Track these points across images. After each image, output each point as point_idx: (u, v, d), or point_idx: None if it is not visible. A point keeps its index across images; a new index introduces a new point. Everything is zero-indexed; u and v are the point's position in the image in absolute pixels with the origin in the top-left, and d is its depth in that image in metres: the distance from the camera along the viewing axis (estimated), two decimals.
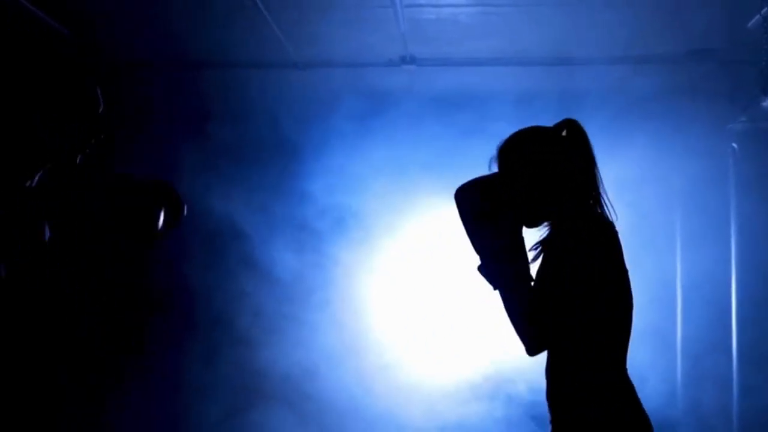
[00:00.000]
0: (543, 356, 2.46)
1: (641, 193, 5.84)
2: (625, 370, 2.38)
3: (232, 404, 5.96)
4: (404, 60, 5.39)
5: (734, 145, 5.20)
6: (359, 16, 4.74)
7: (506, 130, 2.54)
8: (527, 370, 5.32)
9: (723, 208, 5.52)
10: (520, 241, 2.38)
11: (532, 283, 2.34)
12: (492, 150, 2.51)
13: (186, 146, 5.75)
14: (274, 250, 6.02)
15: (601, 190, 2.46)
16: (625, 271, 2.39)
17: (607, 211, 2.47)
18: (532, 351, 2.37)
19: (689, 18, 4.72)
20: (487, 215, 2.36)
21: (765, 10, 4.43)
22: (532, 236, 2.46)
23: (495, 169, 2.45)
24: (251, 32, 4.99)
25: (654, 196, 5.96)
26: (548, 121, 5.50)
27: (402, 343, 6.08)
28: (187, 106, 6.00)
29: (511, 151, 2.44)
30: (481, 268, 2.41)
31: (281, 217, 6.00)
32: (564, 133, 2.46)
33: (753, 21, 4.67)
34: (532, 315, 2.29)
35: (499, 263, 2.36)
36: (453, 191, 2.47)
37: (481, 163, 2.50)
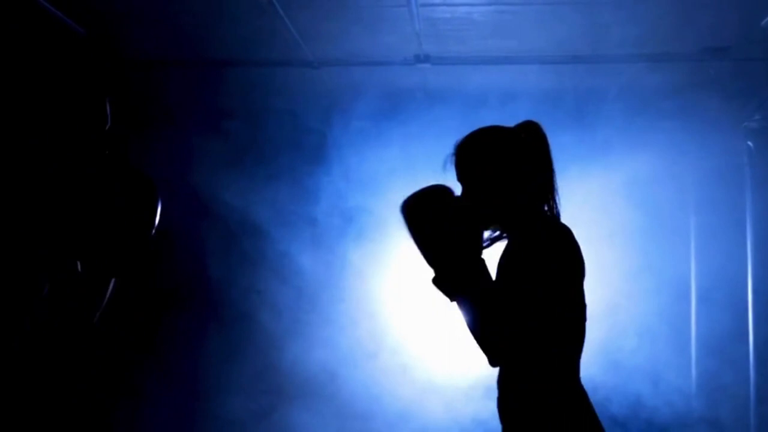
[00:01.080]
0: None
1: (656, 192, 5.85)
2: (578, 378, 2.31)
3: (250, 405, 5.99)
4: (419, 59, 5.40)
5: (749, 143, 5.20)
6: (374, 15, 4.76)
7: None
8: None
9: (738, 206, 5.52)
10: (477, 250, 2.29)
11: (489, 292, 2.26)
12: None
13: (203, 144, 5.78)
14: (291, 248, 6.05)
15: (556, 196, 2.42)
16: (581, 278, 2.31)
17: (558, 216, 2.42)
18: (494, 361, 2.29)
19: (703, 16, 4.72)
20: (443, 228, 2.27)
21: None
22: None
23: (451, 167, 2.44)
24: (267, 31, 5.00)
25: (669, 195, 5.96)
26: (562, 119, 5.54)
27: (418, 340, 6.10)
28: (204, 105, 6.04)
29: (469, 149, 2.42)
30: (436, 281, 2.33)
31: (298, 215, 6.02)
32: (524, 135, 2.42)
33: (767, 19, 4.67)
34: (492, 324, 2.20)
35: (456, 275, 2.27)
36: None
37: None
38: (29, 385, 2.82)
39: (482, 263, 2.27)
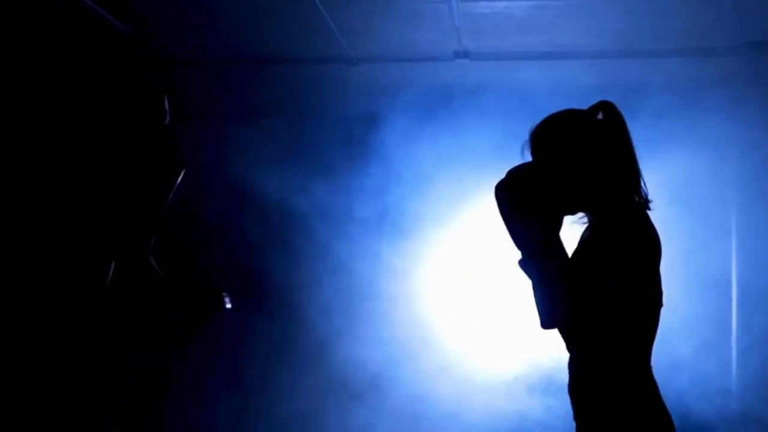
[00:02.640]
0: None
1: (697, 188, 5.81)
2: (649, 366, 2.31)
3: (293, 406, 6.03)
4: (458, 55, 5.40)
5: None
6: (414, 12, 4.77)
7: None
8: None
9: None
10: (558, 234, 2.29)
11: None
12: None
13: (244, 142, 5.83)
14: (335, 245, 6.08)
15: (640, 177, 2.37)
16: (658, 265, 2.28)
17: (644, 196, 2.37)
18: (546, 325, 2.32)
19: (746, 9, 4.68)
20: (528, 208, 2.26)
21: None
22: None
23: (527, 155, 2.37)
24: (307, 28, 5.03)
25: (710, 191, 5.92)
26: None
27: (460, 339, 6.10)
28: (245, 103, 6.08)
29: (544, 136, 2.34)
30: (521, 263, 2.33)
31: (339, 212, 6.05)
32: (600, 116, 2.34)
33: None
34: (559, 293, 2.22)
35: (538, 257, 2.27)
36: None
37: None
38: (29, 385, 2.84)
39: (563, 250, 2.28)
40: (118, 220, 2.80)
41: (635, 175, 2.35)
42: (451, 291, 6.04)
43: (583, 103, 4.89)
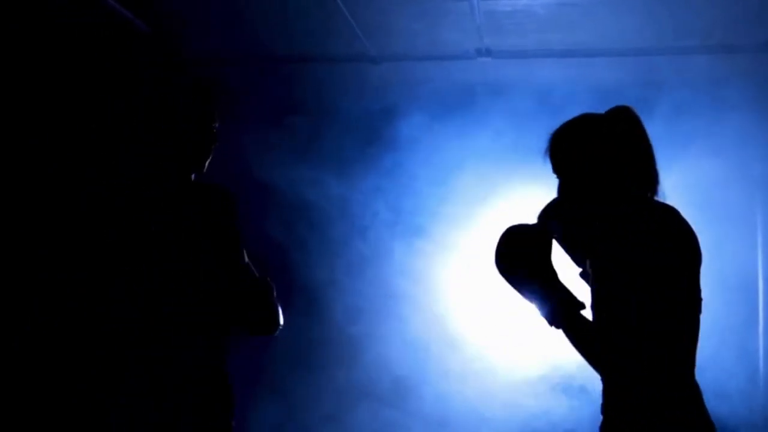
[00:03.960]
0: None
1: (721, 186, 5.76)
2: (692, 374, 2.27)
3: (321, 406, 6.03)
4: (480, 53, 5.39)
5: None
6: (435, 9, 4.77)
7: None
8: None
9: None
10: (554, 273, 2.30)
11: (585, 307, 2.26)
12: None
13: (267, 140, 5.83)
14: (351, 244, 6.08)
15: (658, 182, 2.34)
16: (693, 267, 2.26)
17: (664, 199, 2.34)
18: (607, 376, 2.25)
19: (764, 9, 4.65)
20: (538, 275, 2.27)
21: None
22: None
23: (548, 162, 2.36)
24: (328, 26, 5.04)
25: (735, 190, 5.87)
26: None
27: (483, 338, 6.08)
28: (266, 101, 6.09)
29: (563, 142, 2.33)
30: (552, 317, 2.30)
31: (360, 209, 6.05)
32: (617, 123, 2.31)
33: None
34: (599, 340, 2.17)
35: (548, 305, 2.27)
36: (529, 183, 2.44)
37: None
38: (29, 385, 2.84)
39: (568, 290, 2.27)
40: (119, 220, 2.84)
41: (654, 180, 2.34)
42: (473, 291, 6.02)
43: (605, 102, 4.87)
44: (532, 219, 2.44)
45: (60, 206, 2.90)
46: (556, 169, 2.34)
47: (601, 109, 2.39)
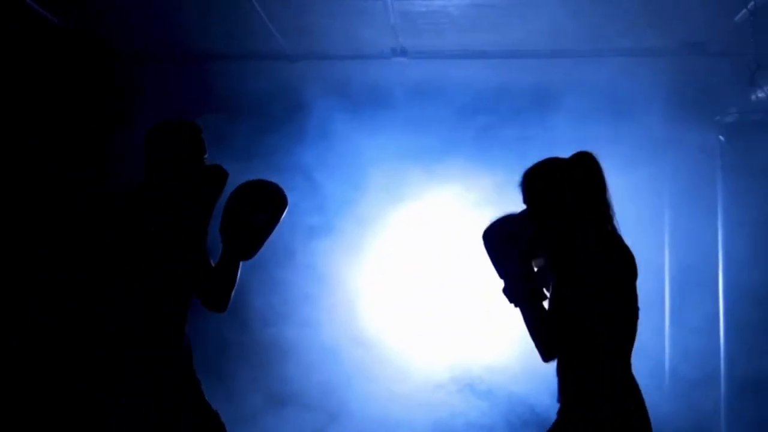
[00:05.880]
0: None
1: (630, 186, 5.87)
2: (629, 368, 2.65)
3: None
4: (395, 52, 5.41)
5: (721, 137, 5.23)
6: (350, 9, 4.77)
7: (493, 122, 2.65)
8: (519, 366, 5.39)
9: (710, 198, 5.55)
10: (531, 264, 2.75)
11: (547, 298, 2.70)
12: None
13: None
14: (264, 249, 6.03)
15: (611, 213, 2.77)
16: (630, 283, 2.66)
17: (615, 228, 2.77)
18: (547, 358, 2.68)
19: (678, 12, 4.76)
20: (518, 250, 2.73)
21: (752, 4, 4.47)
22: None
23: (519, 193, 2.79)
24: (243, 25, 5.01)
25: (643, 188, 6.00)
26: (540, 114, 5.56)
27: (395, 336, 6.10)
28: (179, 98, 6.00)
29: (532, 179, 2.78)
30: (505, 290, 2.75)
31: None
32: (580, 165, 2.75)
33: (740, 15, 4.71)
34: (548, 326, 2.62)
35: (519, 285, 2.71)
36: (442, 184, 2.65)
37: (471, 155, 2.62)
38: (29, 385, 2.83)
39: (536, 277, 2.73)
40: (119, 220, 2.87)
41: (608, 215, 2.76)
42: (389, 293, 6.04)
43: (524, 102, 4.98)
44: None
45: (60, 206, 2.90)
46: (526, 201, 2.78)
47: (514, 111, 2.54)
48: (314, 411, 6.03)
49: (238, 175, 5.87)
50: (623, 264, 2.66)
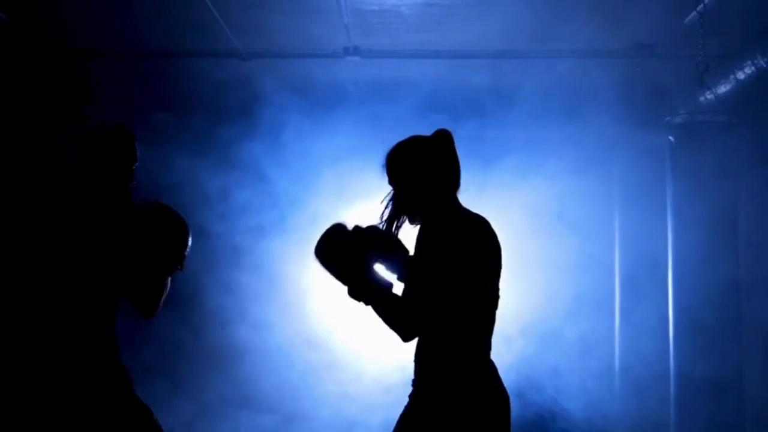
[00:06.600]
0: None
1: (581, 185, 5.93)
2: (488, 353, 2.67)
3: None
4: (348, 51, 5.39)
5: (671, 138, 5.29)
6: (303, 7, 4.75)
7: (447, 121, 2.69)
8: None
9: (660, 199, 5.61)
10: (368, 270, 2.82)
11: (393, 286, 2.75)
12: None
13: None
14: (223, 240, 6.00)
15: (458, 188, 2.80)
16: (489, 264, 2.68)
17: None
18: (405, 339, 2.75)
19: (629, 14, 4.80)
20: (349, 253, 2.83)
21: (701, 6, 4.52)
22: None
23: (385, 174, 2.82)
24: (195, 23, 4.97)
25: (593, 189, 6.06)
26: (492, 114, 5.58)
27: (347, 337, 6.10)
28: (133, 95, 5.95)
29: (394, 158, 2.80)
30: (350, 293, 2.84)
31: (221, 206, 5.97)
32: (438, 143, 2.79)
33: (690, 17, 4.76)
34: (402, 310, 2.68)
35: (362, 285, 2.80)
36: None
37: None
38: (29, 385, 2.83)
39: (376, 274, 2.79)
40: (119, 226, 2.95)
41: (456, 186, 2.79)
42: (340, 294, 6.01)
43: (475, 102, 5.00)
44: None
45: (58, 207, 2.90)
46: (391, 180, 2.81)
47: (471, 109, 2.54)
48: (268, 413, 6.00)
49: (190, 172, 5.87)
50: (485, 250, 2.69)
